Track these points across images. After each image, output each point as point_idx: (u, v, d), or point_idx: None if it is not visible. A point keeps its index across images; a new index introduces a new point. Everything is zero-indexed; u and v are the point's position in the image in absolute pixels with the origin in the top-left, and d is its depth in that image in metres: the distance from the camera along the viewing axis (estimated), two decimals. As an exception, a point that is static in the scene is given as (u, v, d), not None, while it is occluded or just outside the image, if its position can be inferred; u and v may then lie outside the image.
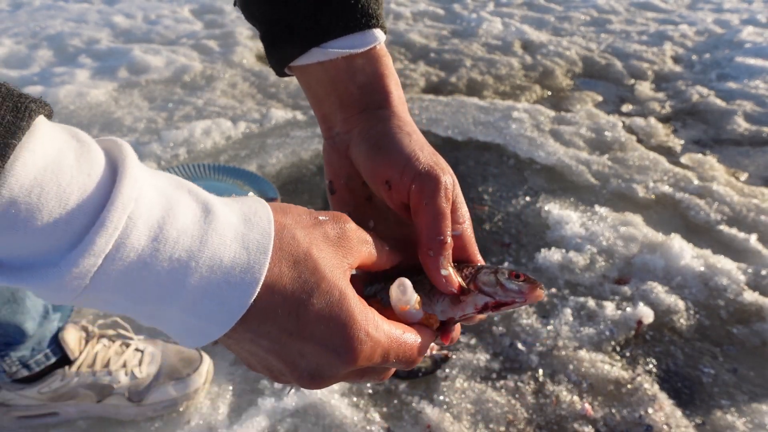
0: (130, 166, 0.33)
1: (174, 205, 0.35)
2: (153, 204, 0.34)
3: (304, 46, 0.53)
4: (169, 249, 0.34)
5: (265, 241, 0.38)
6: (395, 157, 0.50)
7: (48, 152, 0.31)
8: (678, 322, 1.53)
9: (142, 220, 0.33)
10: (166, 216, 0.34)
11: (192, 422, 1.19)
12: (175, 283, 0.35)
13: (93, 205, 0.32)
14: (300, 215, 0.42)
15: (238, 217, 0.38)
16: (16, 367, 1.11)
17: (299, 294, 0.39)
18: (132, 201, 0.32)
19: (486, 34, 3.74)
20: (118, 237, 0.32)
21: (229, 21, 3.66)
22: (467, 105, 2.69)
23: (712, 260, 1.71)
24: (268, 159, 2.15)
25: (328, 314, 0.39)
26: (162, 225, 0.34)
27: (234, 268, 0.36)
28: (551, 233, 1.85)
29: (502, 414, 1.25)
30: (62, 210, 0.31)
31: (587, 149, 2.39)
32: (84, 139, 0.34)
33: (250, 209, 0.39)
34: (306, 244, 0.40)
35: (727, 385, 1.37)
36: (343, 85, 0.54)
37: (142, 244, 0.33)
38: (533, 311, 1.52)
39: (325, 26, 0.52)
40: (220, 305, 0.36)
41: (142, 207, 0.33)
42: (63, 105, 2.44)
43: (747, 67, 3.35)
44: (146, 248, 0.33)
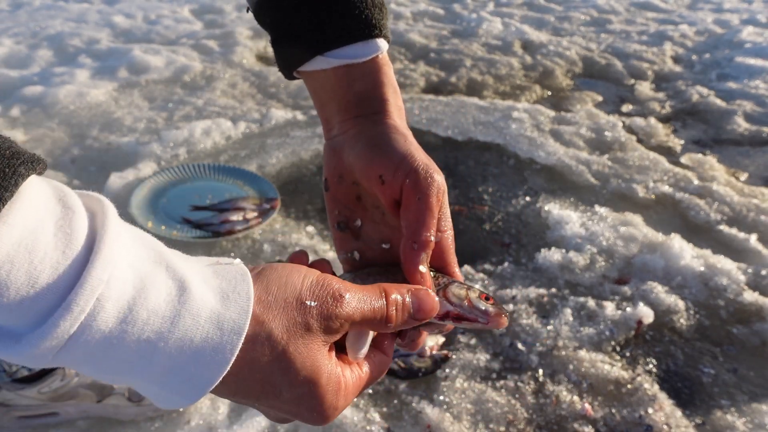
0: (107, 242, 0.33)
1: (147, 283, 0.35)
2: (125, 284, 0.34)
3: (310, 53, 0.55)
4: (137, 330, 0.34)
5: (241, 320, 0.37)
6: (390, 154, 0.52)
7: (27, 225, 0.31)
8: (678, 322, 1.53)
9: (111, 301, 0.33)
10: (137, 296, 0.34)
11: (192, 422, 1.19)
12: (142, 361, 0.35)
13: (62, 286, 0.32)
14: (285, 300, 0.40)
15: (215, 294, 0.38)
16: (17, 366, 1.11)
17: (269, 386, 0.40)
18: (102, 283, 0.32)
19: (486, 34, 3.74)
20: (84, 320, 0.32)
21: (229, 21, 3.66)
22: (467, 105, 2.69)
23: (712, 260, 1.71)
24: (268, 159, 2.15)
25: (297, 402, 0.41)
26: (132, 306, 0.34)
27: (205, 348, 0.36)
28: (551, 233, 1.85)
29: (502, 414, 1.25)
30: (30, 289, 0.31)
31: (587, 149, 2.39)
32: (70, 204, 0.34)
33: (230, 285, 0.39)
34: (283, 342, 0.39)
35: (727, 385, 1.37)
36: (342, 92, 0.56)
37: (110, 326, 0.33)
38: (533, 311, 1.52)
39: (329, 35, 0.54)
40: (186, 382, 0.37)
41: (112, 288, 0.33)
42: (63, 105, 2.44)
43: (747, 67, 3.35)
44: (114, 330, 0.33)
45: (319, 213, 1.91)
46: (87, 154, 2.16)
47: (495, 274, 1.66)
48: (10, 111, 2.38)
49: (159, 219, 1.75)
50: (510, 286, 1.62)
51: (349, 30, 0.54)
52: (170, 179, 1.93)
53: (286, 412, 0.43)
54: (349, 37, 0.54)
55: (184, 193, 1.89)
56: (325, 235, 1.80)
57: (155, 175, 1.92)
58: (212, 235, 1.70)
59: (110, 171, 1.99)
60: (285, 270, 0.42)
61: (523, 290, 1.59)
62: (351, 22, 0.54)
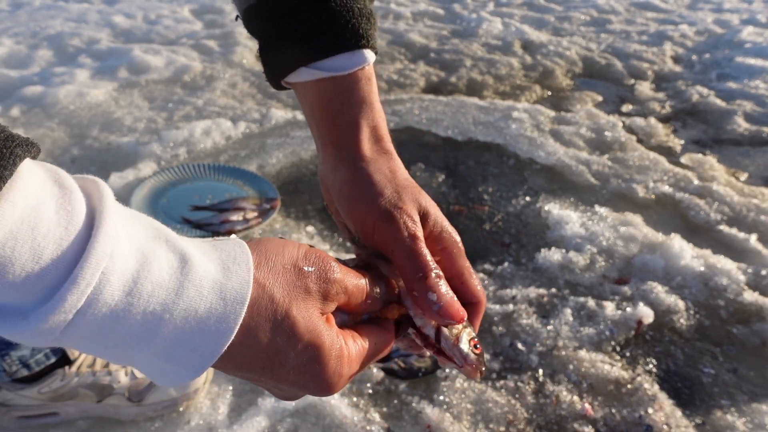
0: (107, 217, 0.34)
1: (149, 257, 0.35)
2: (128, 258, 0.34)
3: (293, 64, 0.54)
4: (143, 303, 0.34)
5: (243, 290, 0.38)
6: (357, 207, 0.52)
7: (28, 203, 0.31)
8: (678, 322, 1.53)
9: (116, 275, 0.33)
10: (140, 269, 0.34)
11: (192, 422, 1.19)
12: (148, 333, 0.35)
13: (67, 261, 0.32)
14: (283, 266, 0.41)
15: (216, 265, 0.38)
16: (17, 366, 1.11)
17: (274, 353, 0.40)
18: (106, 256, 0.33)
19: (486, 34, 3.74)
20: (91, 293, 0.32)
21: (229, 21, 3.66)
22: (467, 105, 2.69)
23: (712, 260, 1.71)
24: (268, 159, 2.15)
25: (302, 369, 0.41)
26: (137, 279, 0.34)
27: (209, 318, 0.37)
28: (551, 233, 1.85)
29: (502, 414, 1.25)
30: (35, 265, 0.31)
31: (587, 149, 2.39)
32: (67, 184, 0.34)
33: (229, 256, 0.39)
34: (285, 305, 0.40)
35: (727, 385, 1.37)
36: (322, 110, 0.56)
37: (116, 299, 0.33)
38: (533, 311, 1.52)
39: (313, 46, 0.53)
40: (192, 352, 0.37)
41: (116, 262, 0.33)
42: (63, 105, 2.44)
43: (747, 67, 3.35)
44: (120, 303, 0.34)
45: (318, 213, 1.91)
46: (87, 154, 2.16)
47: (495, 274, 1.66)
48: (10, 111, 2.38)
49: (159, 219, 1.73)
50: (510, 286, 1.62)
51: (335, 41, 0.53)
52: (170, 179, 1.93)
53: (292, 384, 0.42)
54: (333, 48, 0.53)
55: (184, 193, 1.89)
56: (325, 235, 1.80)
57: (155, 175, 1.92)
58: (212, 235, 1.70)
59: (110, 171, 1.99)
60: (281, 241, 0.43)
61: (523, 290, 1.59)
62: (337, 32, 0.53)
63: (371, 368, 1.31)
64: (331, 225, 1.86)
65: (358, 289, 0.45)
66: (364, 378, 1.30)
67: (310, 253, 0.43)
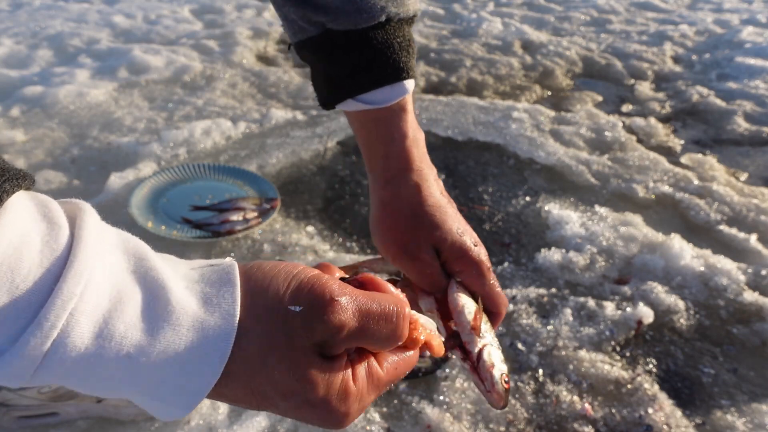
0: (82, 251, 0.32)
1: (124, 295, 0.33)
2: (100, 296, 0.32)
3: (342, 95, 0.61)
4: (115, 346, 0.32)
5: (226, 326, 0.35)
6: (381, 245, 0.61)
7: (11, 240, 0.30)
8: (678, 322, 1.53)
9: (86, 315, 0.31)
10: (113, 309, 0.33)
11: (192, 422, 1.19)
12: (126, 376, 0.34)
13: (37, 303, 0.31)
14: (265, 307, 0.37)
15: (198, 300, 0.36)
16: None
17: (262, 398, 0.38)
18: (75, 297, 0.31)
19: (486, 34, 3.74)
20: (58, 336, 0.31)
21: (229, 21, 3.66)
22: (467, 105, 2.69)
23: (712, 260, 1.71)
24: (268, 159, 2.15)
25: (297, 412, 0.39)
26: (108, 319, 0.32)
27: (191, 358, 0.34)
28: (551, 233, 1.85)
29: (502, 414, 1.25)
30: (11, 306, 0.30)
31: (587, 149, 2.39)
32: (55, 219, 0.33)
33: (214, 288, 0.37)
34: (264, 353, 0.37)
35: (727, 385, 1.37)
36: (361, 140, 0.64)
37: (86, 342, 0.31)
38: (533, 311, 1.52)
39: (358, 80, 0.60)
40: (178, 391, 0.35)
41: (86, 302, 0.32)
42: (63, 105, 2.44)
43: (747, 67, 3.35)
44: (90, 346, 0.32)
45: (318, 213, 1.92)
46: (87, 154, 2.16)
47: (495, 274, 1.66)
48: (10, 111, 2.38)
49: (159, 219, 1.75)
50: (510, 286, 1.62)
51: (377, 75, 0.59)
52: (170, 179, 1.93)
53: (297, 418, 0.40)
54: (377, 82, 0.59)
55: (184, 193, 1.89)
56: (325, 235, 1.80)
57: (155, 175, 1.92)
58: (212, 235, 1.70)
59: (110, 171, 1.99)
60: (271, 271, 0.39)
61: (523, 290, 1.59)
62: (380, 67, 0.59)
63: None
64: (331, 225, 1.86)
65: (374, 329, 0.39)
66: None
67: (303, 286, 0.38)
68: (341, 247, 1.76)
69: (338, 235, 1.81)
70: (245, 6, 4.01)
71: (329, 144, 2.28)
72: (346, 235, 1.83)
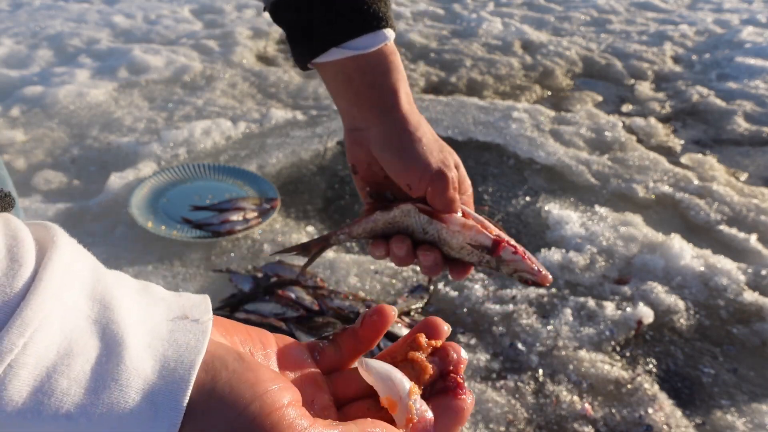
0: (40, 293, 0.30)
1: (75, 348, 0.31)
2: (47, 349, 0.30)
3: (324, 45, 0.63)
4: (55, 403, 0.29)
5: (178, 393, 0.31)
6: (413, 166, 0.63)
7: None
8: (678, 322, 1.53)
9: (27, 369, 0.29)
10: (59, 363, 0.30)
11: (192, 422, 1.19)
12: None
13: None
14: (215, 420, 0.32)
15: (155, 362, 0.32)
16: None
17: None
18: (15, 348, 0.29)
19: (486, 34, 3.74)
20: None
21: (229, 21, 3.66)
22: (467, 105, 2.69)
23: (712, 260, 1.71)
24: (268, 159, 2.15)
25: None
26: (51, 374, 0.30)
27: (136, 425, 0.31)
28: (551, 233, 1.85)
29: (502, 414, 1.25)
30: None
31: (587, 149, 2.39)
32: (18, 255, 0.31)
33: (176, 353, 0.33)
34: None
35: (727, 385, 1.37)
36: (356, 83, 0.65)
37: (23, 397, 0.29)
38: (533, 311, 1.52)
39: (341, 29, 0.63)
40: None
41: (29, 354, 0.29)
42: (63, 105, 2.44)
43: (747, 67, 3.35)
44: (28, 401, 0.29)
45: (318, 213, 1.91)
46: (87, 154, 2.16)
47: (495, 274, 1.66)
48: (10, 111, 2.38)
49: (159, 219, 1.75)
50: (510, 286, 1.62)
51: (359, 23, 0.63)
52: (170, 179, 1.93)
53: None
54: (359, 30, 0.63)
55: (184, 193, 1.89)
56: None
57: (155, 175, 1.92)
58: (212, 235, 1.70)
59: (110, 171, 1.99)
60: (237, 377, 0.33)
61: (523, 290, 1.59)
62: (360, 16, 0.63)
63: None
64: (331, 225, 1.86)
65: None
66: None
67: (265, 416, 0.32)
68: (341, 247, 1.76)
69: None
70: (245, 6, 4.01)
71: (329, 144, 2.28)
72: (346, 235, 1.82)
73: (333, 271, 1.61)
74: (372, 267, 1.64)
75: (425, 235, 0.63)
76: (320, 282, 1.55)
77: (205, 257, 1.66)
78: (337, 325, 1.40)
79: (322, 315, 1.44)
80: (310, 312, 1.44)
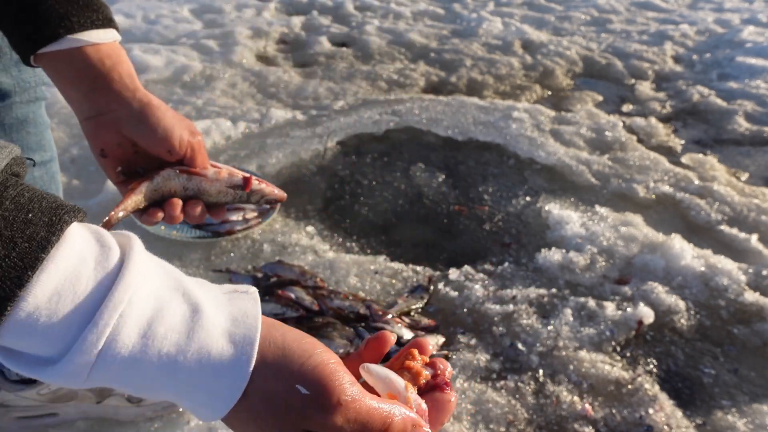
0: (130, 269, 0.39)
1: (164, 305, 0.40)
2: (145, 305, 0.39)
3: (59, 34, 0.67)
4: (157, 344, 0.38)
5: (251, 334, 0.41)
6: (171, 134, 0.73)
7: (71, 261, 0.37)
8: (678, 322, 1.53)
9: (133, 318, 0.38)
10: (155, 315, 0.39)
11: (192, 422, 1.19)
12: (166, 375, 0.39)
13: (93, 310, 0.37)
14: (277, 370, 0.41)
15: (226, 318, 0.42)
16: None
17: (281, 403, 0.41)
18: (123, 302, 0.37)
19: (486, 33, 3.74)
20: (110, 334, 0.37)
21: (229, 21, 3.66)
22: (467, 105, 2.69)
23: (713, 260, 1.70)
24: (268, 159, 2.15)
25: None
26: (151, 323, 0.39)
27: (222, 362, 0.40)
28: (551, 233, 1.85)
29: (503, 414, 1.25)
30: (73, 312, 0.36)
31: (587, 149, 2.39)
32: (106, 242, 0.40)
33: (240, 311, 0.42)
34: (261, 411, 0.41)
35: (727, 386, 1.37)
36: (94, 70, 0.71)
37: (132, 340, 0.38)
38: (534, 311, 1.52)
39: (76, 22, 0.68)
40: (212, 396, 0.40)
41: (133, 308, 0.38)
42: (62, 105, 2.44)
43: (748, 67, 3.35)
44: (136, 344, 0.38)
45: (318, 213, 1.91)
46: (86, 154, 2.15)
47: (495, 274, 1.66)
48: (10, 111, 2.38)
49: (159, 219, 1.75)
50: (510, 286, 1.61)
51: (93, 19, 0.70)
52: (170, 179, 1.92)
53: None
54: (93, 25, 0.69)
55: (183, 193, 1.88)
56: (325, 235, 1.80)
57: (155, 175, 1.92)
58: (212, 235, 1.70)
59: (110, 171, 1.99)
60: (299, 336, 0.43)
61: (524, 290, 1.59)
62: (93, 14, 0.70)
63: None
64: (331, 225, 1.86)
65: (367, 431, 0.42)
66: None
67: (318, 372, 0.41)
68: (341, 247, 1.76)
69: (338, 235, 1.81)
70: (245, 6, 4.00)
71: (329, 144, 2.28)
72: (345, 235, 1.82)
73: (333, 271, 1.61)
74: (372, 267, 1.64)
75: (186, 191, 0.72)
76: (320, 282, 1.54)
77: (205, 257, 1.65)
78: (337, 325, 1.40)
79: (322, 315, 1.43)
80: (310, 312, 1.44)
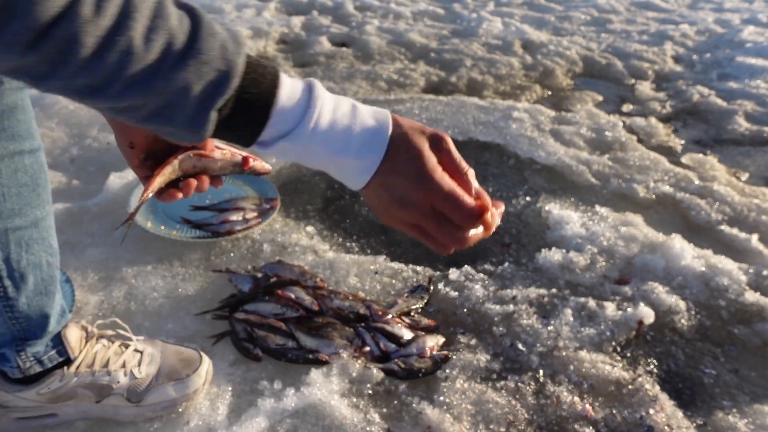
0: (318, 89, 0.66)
1: (338, 105, 0.67)
2: (329, 102, 0.66)
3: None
4: (340, 118, 0.66)
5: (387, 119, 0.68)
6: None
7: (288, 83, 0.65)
8: (679, 322, 1.53)
9: (327, 106, 0.66)
10: (336, 107, 0.67)
11: (191, 423, 1.19)
12: (347, 139, 0.66)
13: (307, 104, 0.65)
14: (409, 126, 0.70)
15: (369, 111, 0.68)
16: (30, 362, 1.10)
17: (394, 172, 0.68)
18: (320, 101, 0.65)
19: (486, 33, 3.74)
20: (317, 114, 0.65)
21: (229, 21, 3.66)
22: (467, 105, 2.69)
23: (713, 260, 1.70)
24: (269, 159, 2.15)
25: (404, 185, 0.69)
26: (334, 110, 0.66)
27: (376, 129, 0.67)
28: (551, 233, 1.85)
29: (503, 415, 1.25)
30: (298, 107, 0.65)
31: (587, 149, 2.39)
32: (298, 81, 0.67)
33: (377, 111, 0.69)
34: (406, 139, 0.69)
35: (728, 386, 1.37)
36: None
37: (328, 118, 0.65)
38: (534, 311, 1.52)
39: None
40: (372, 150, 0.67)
41: (325, 105, 0.66)
42: (62, 105, 2.44)
43: (748, 67, 3.35)
44: (330, 118, 0.66)
45: (318, 213, 1.91)
46: (86, 154, 2.15)
47: (495, 274, 1.66)
48: (10, 111, 2.38)
49: (158, 219, 1.75)
50: (510, 286, 1.61)
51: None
52: (170, 179, 1.92)
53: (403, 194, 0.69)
54: None
55: (183, 193, 1.88)
56: (325, 235, 1.80)
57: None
58: (212, 235, 1.69)
59: (109, 171, 1.99)
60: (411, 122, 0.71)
61: (524, 290, 1.58)
62: None
63: (371, 369, 1.30)
64: (331, 225, 1.86)
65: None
66: (364, 379, 1.29)
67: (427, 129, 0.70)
68: (341, 247, 1.76)
69: (338, 235, 1.81)
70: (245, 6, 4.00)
71: (329, 144, 2.27)
72: (345, 235, 1.82)
73: (333, 271, 1.61)
74: (372, 267, 1.64)
75: (195, 169, 0.85)
76: (320, 282, 1.54)
77: (205, 257, 1.65)
78: (337, 325, 1.39)
79: (321, 315, 1.43)
80: (309, 312, 1.44)
